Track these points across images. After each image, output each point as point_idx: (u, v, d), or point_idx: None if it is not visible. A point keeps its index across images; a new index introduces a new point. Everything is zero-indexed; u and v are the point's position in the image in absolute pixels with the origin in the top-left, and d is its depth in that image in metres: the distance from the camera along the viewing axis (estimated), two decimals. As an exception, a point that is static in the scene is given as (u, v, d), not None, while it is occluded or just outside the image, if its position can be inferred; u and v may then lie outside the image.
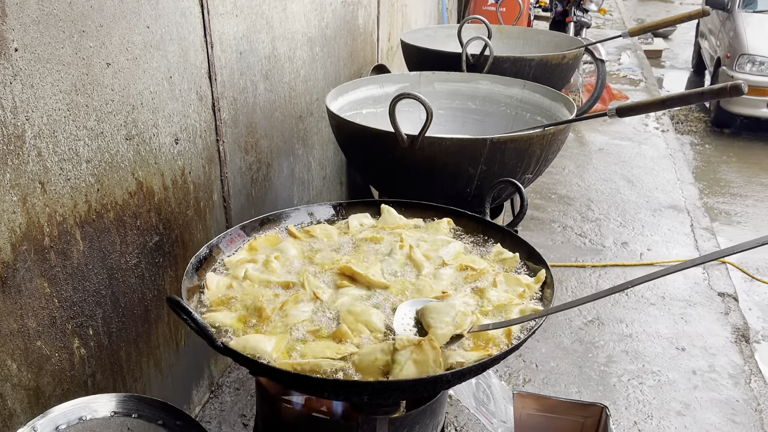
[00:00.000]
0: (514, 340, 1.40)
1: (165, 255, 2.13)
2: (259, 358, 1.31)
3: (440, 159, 2.24)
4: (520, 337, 1.41)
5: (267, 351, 1.33)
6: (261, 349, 1.33)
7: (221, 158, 2.42)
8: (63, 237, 1.62)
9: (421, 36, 4.09)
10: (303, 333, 1.40)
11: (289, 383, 1.43)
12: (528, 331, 1.42)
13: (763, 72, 6.76)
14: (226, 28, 2.34)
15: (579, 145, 6.25)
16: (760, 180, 5.88)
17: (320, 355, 1.32)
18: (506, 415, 2.25)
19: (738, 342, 3.32)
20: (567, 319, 3.44)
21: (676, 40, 12.15)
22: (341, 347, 1.35)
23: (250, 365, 1.32)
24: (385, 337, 1.41)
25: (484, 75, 3.13)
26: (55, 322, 1.63)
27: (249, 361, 1.30)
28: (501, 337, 1.41)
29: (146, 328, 2.08)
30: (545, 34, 4.36)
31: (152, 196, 2.01)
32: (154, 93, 1.95)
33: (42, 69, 1.50)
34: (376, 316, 1.44)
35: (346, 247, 1.76)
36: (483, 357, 1.32)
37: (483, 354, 1.34)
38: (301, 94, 3.15)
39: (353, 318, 1.44)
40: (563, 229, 4.53)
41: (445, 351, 1.35)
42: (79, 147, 1.65)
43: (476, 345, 1.38)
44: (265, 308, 1.45)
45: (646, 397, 2.89)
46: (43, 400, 1.62)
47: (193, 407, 2.53)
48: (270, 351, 1.33)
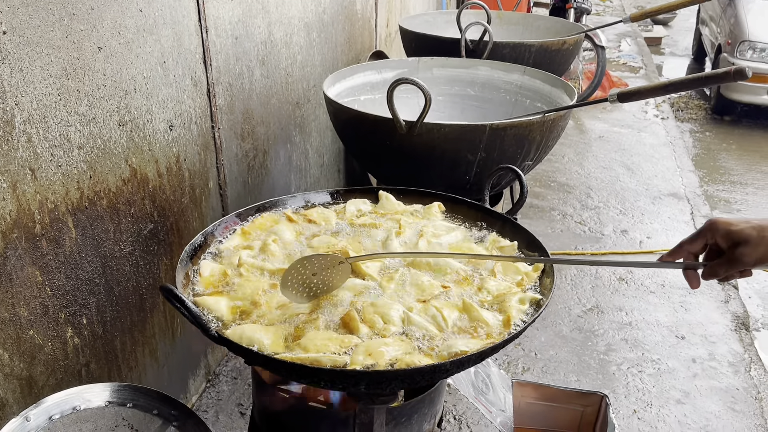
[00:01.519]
0: (514, 328, 1.38)
1: (160, 243, 2.10)
2: (255, 348, 1.28)
3: (439, 145, 2.21)
4: (519, 324, 1.39)
5: (263, 341, 1.30)
6: (257, 339, 1.31)
7: (217, 145, 2.39)
8: (55, 224, 1.59)
9: (419, 22, 4.05)
10: (300, 322, 1.38)
11: (286, 373, 1.41)
12: (529, 318, 1.41)
13: (763, 59, 6.71)
14: (221, 12, 2.30)
15: (579, 132, 6.21)
16: (760, 168, 5.85)
17: (322, 348, 1.29)
18: (505, 404, 2.23)
19: (738, 330, 3.31)
20: (566, 308, 3.43)
21: (676, 27, 12.07)
22: (346, 339, 1.32)
23: (245, 354, 1.30)
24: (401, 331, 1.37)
25: (484, 61, 3.09)
26: (48, 311, 1.60)
27: (244, 350, 1.28)
28: (498, 324, 1.39)
29: (141, 316, 2.06)
30: (545, 19, 4.32)
31: (146, 183, 1.98)
32: (148, 78, 1.92)
33: (31, 52, 1.46)
34: (395, 311, 1.40)
35: (343, 234, 1.73)
36: (485, 345, 1.30)
37: (485, 342, 1.31)
38: (298, 80, 3.11)
39: (372, 309, 1.40)
40: (563, 217, 4.51)
41: (447, 340, 1.33)
42: (71, 133, 1.62)
43: (475, 335, 1.36)
44: (260, 302, 1.43)
45: (645, 385, 2.87)
46: (36, 389, 1.60)
47: (190, 396, 2.51)
48: (267, 341, 1.30)
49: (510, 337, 1.35)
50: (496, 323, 1.39)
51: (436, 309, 1.40)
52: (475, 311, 1.41)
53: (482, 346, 1.29)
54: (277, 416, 1.75)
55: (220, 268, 1.55)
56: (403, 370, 1.24)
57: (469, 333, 1.37)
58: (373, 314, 1.39)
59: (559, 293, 3.55)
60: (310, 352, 1.27)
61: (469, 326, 1.39)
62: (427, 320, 1.39)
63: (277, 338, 1.33)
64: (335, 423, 1.64)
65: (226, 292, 1.47)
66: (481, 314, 1.40)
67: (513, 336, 1.35)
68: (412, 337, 1.35)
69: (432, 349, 1.31)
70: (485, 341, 1.33)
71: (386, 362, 1.26)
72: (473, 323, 1.39)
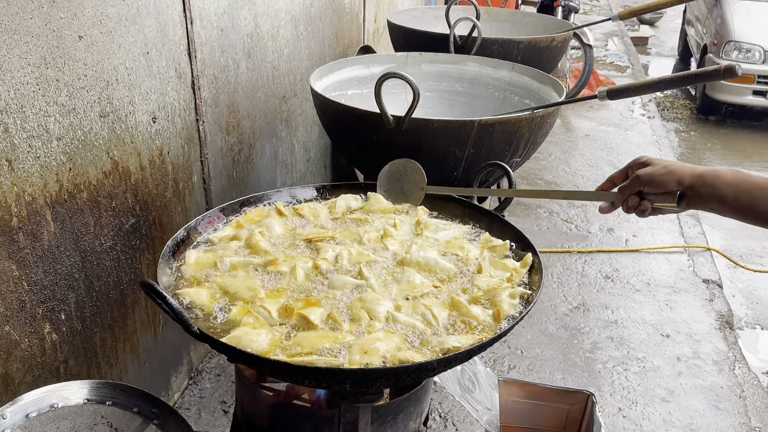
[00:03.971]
0: (506, 323, 1.37)
1: (142, 237, 2.06)
2: (238, 346, 1.25)
3: (427, 141, 2.19)
4: (514, 318, 1.39)
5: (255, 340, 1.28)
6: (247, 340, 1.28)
7: (201, 138, 2.35)
8: (32, 217, 1.55)
9: (408, 17, 4.02)
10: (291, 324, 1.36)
11: (269, 370, 1.38)
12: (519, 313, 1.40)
13: (749, 59, 6.76)
14: (206, 3, 2.26)
15: (565, 131, 6.22)
16: (743, 167, 5.88)
17: (317, 345, 1.27)
18: (491, 402, 2.22)
19: (722, 329, 3.32)
20: (552, 306, 3.42)
21: (663, 27, 12.14)
22: (338, 336, 1.30)
23: (227, 352, 1.27)
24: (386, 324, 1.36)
25: (472, 57, 3.07)
26: (25, 306, 1.56)
27: (226, 347, 1.25)
28: (488, 319, 1.39)
29: (122, 312, 2.02)
30: (534, 16, 4.31)
31: (128, 176, 1.94)
32: (130, 69, 1.88)
33: (9, 40, 1.42)
34: (383, 306, 1.39)
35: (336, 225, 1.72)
36: (476, 342, 1.29)
37: (476, 338, 1.30)
38: (285, 74, 3.07)
39: (360, 304, 1.40)
40: (549, 214, 4.51)
41: (439, 336, 1.32)
42: (50, 123, 1.57)
43: (468, 330, 1.36)
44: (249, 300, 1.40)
45: (630, 383, 2.87)
46: (13, 387, 1.55)
47: (172, 394, 2.47)
48: (260, 341, 1.28)
49: (502, 332, 1.34)
50: (487, 318, 1.39)
51: (425, 307, 1.39)
52: (464, 307, 1.40)
53: (474, 342, 1.29)
54: (260, 414, 1.72)
55: (206, 256, 1.54)
56: (389, 369, 1.23)
57: (460, 329, 1.36)
58: (360, 310, 1.38)
59: (546, 291, 3.55)
60: (306, 351, 1.26)
61: (459, 322, 1.38)
62: (417, 319, 1.38)
63: (274, 341, 1.31)
64: (319, 421, 1.62)
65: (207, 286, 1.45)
66: (470, 310, 1.39)
67: (505, 331, 1.35)
68: (402, 334, 1.33)
69: (424, 345, 1.31)
70: (476, 337, 1.32)
71: (380, 358, 1.24)
72: (463, 318, 1.39)
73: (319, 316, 1.35)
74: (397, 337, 1.32)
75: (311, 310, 1.36)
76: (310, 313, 1.35)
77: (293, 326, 1.34)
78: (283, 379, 1.54)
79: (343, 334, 1.32)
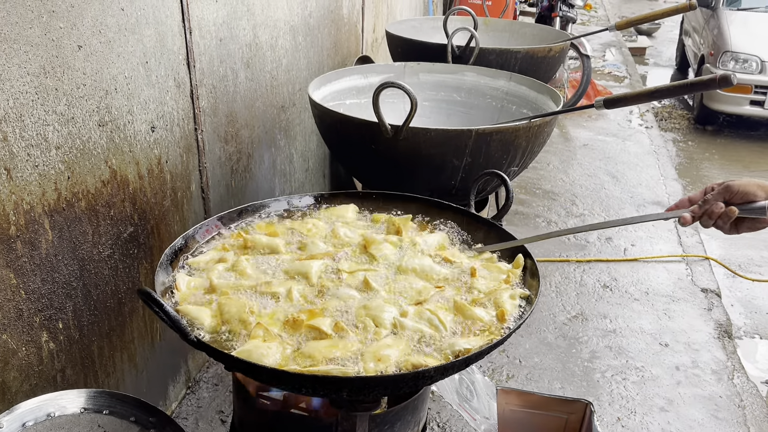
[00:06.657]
0: (513, 323, 1.40)
1: (140, 246, 2.06)
2: (249, 359, 1.25)
3: (425, 150, 2.19)
4: (518, 318, 1.42)
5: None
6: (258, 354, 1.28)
7: (200, 148, 2.35)
8: (30, 226, 1.55)
9: (406, 27, 4.04)
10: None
11: (266, 378, 1.38)
12: (518, 320, 1.42)
13: (746, 69, 6.80)
14: (205, 13, 2.27)
15: (564, 140, 6.23)
16: (741, 177, 5.90)
17: (328, 354, 1.27)
18: (489, 412, 2.21)
19: (721, 338, 3.31)
20: (551, 315, 3.42)
21: (660, 37, 12.20)
22: (349, 344, 1.31)
23: (225, 360, 1.27)
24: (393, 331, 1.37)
25: (470, 67, 3.08)
26: (22, 314, 1.56)
27: (223, 355, 1.25)
28: (493, 320, 1.42)
29: (120, 321, 2.01)
30: (531, 27, 4.33)
31: (127, 185, 1.94)
32: (129, 78, 1.88)
33: (8, 49, 1.42)
34: (388, 313, 1.40)
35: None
36: (486, 342, 1.32)
37: (486, 339, 1.34)
38: (283, 83, 3.08)
39: (364, 312, 1.40)
40: (548, 224, 4.51)
41: (448, 339, 1.35)
42: (48, 132, 1.58)
43: (476, 332, 1.39)
44: (249, 321, 1.39)
45: (629, 392, 2.87)
46: (9, 395, 1.55)
47: (170, 403, 2.46)
48: (270, 354, 1.28)
49: (511, 331, 1.37)
50: (491, 319, 1.41)
51: (431, 312, 1.41)
52: (468, 310, 1.42)
53: (484, 343, 1.32)
54: (258, 424, 1.71)
55: (199, 281, 1.52)
56: (386, 377, 1.23)
57: (467, 331, 1.38)
58: (365, 317, 1.39)
59: (544, 300, 3.55)
60: (318, 361, 1.26)
61: (465, 325, 1.40)
62: (423, 324, 1.39)
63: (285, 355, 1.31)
64: (317, 430, 1.61)
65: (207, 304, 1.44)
66: (475, 312, 1.41)
67: (514, 329, 1.37)
68: (411, 339, 1.35)
69: (437, 350, 1.32)
70: (486, 338, 1.35)
71: (394, 365, 1.26)
72: (468, 321, 1.41)
73: (328, 325, 1.35)
74: (406, 343, 1.33)
75: (320, 321, 1.36)
76: (320, 323, 1.35)
77: (301, 338, 1.34)
78: (280, 388, 1.53)
79: (352, 342, 1.32)
